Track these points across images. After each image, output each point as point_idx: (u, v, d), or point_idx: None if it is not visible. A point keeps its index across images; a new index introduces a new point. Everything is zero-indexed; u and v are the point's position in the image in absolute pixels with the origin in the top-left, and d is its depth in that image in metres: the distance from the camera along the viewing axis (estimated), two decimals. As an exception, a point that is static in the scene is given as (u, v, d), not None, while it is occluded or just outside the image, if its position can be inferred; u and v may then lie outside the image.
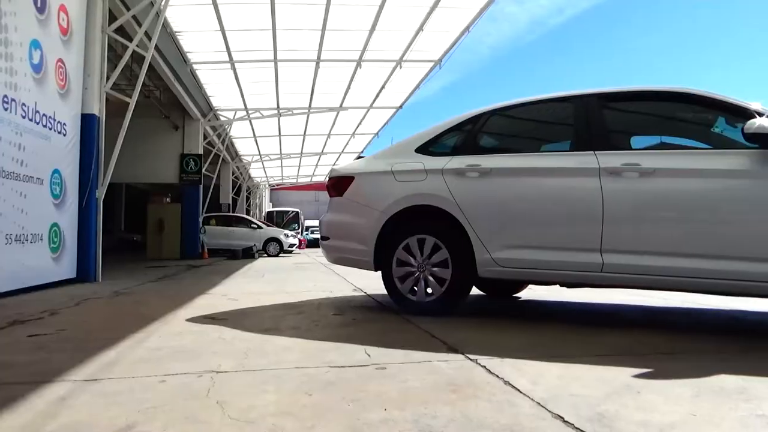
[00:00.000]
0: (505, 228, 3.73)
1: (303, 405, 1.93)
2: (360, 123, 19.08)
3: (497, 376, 2.28)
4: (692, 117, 3.77)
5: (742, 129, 3.11)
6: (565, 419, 1.76)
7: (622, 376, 2.28)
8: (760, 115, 3.15)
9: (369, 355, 2.68)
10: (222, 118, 17.24)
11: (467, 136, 4.14)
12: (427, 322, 3.62)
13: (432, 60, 13.09)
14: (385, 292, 4.21)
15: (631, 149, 3.70)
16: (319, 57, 12.48)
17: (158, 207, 16.07)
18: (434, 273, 3.90)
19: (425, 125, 4.42)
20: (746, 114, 3.22)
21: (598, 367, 2.44)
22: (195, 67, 12.90)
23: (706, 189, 3.25)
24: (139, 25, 8.57)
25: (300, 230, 31.42)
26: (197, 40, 11.58)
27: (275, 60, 12.53)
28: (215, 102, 15.98)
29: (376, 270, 4.20)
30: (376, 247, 4.13)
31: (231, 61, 12.46)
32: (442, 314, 3.87)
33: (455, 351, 2.76)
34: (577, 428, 1.69)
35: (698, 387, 2.12)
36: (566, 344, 2.96)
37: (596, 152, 3.55)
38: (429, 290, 3.95)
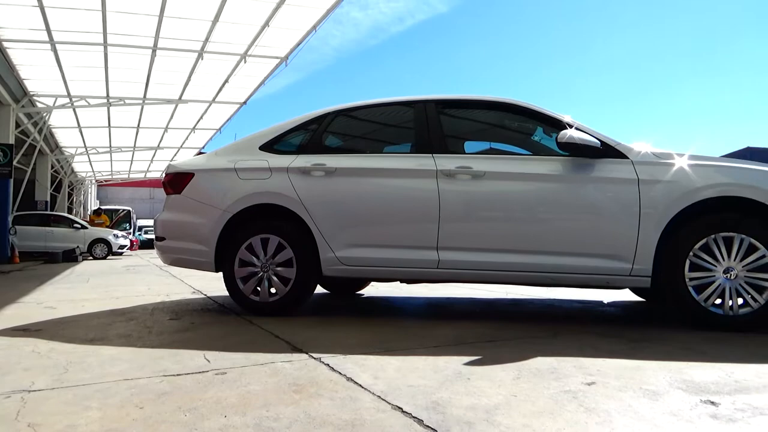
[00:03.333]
0: (349, 227, 3.80)
1: (133, 419, 1.78)
2: (201, 117, 18.16)
3: (340, 373, 2.31)
4: (516, 126, 4.17)
5: (556, 138, 3.53)
6: (404, 409, 1.84)
7: (454, 364, 2.45)
8: (570, 126, 3.59)
9: (208, 361, 2.56)
10: (40, 105, 15.30)
11: (313, 135, 4.15)
12: (270, 322, 3.56)
13: (278, 57, 12.91)
14: (226, 293, 4.05)
15: (465, 153, 3.99)
16: (156, 45, 11.64)
17: (-45, 204, 13.75)
18: (278, 272, 3.85)
19: (270, 123, 4.36)
20: (559, 125, 3.65)
21: (434, 357, 2.59)
22: (5, 45, 11.27)
23: (526, 191, 3.62)
24: (-70, -11, 7.29)
25: (132, 230, 29.05)
26: (9, 15, 10.12)
27: (105, 44, 11.43)
28: (31, 86, 14.12)
29: (217, 271, 4.03)
30: (217, 247, 3.97)
31: (51, 41, 11.10)
32: (287, 314, 3.83)
33: (299, 351, 2.75)
34: (414, 417, 1.77)
35: (519, 370, 2.35)
36: (405, 338, 3.10)
37: (434, 155, 3.77)
38: (273, 290, 3.89)
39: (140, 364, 2.53)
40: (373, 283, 5.61)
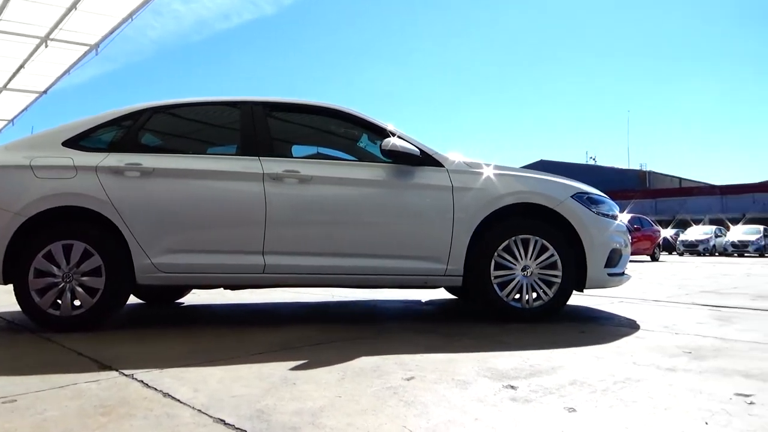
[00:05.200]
0: (168, 231, 3.56)
1: None
2: (-12, 105, 15.75)
3: (156, 389, 2.15)
4: (343, 132, 4.27)
5: (380, 145, 3.70)
6: (226, 422, 1.77)
7: (279, 370, 2.42)
8: (393, 134, 3.79)
9: (-8, 387, 2.21)
10: None
11: (127, 133, 3.82)
12: (73, 339, 3.18)
13: (87, 44, 11.71)
14: (18, 308, 3.54)
15: (293, 157, 3.98)
16: (-76, 15, 9.82)
17: None
18: (84, 283, 3.46)
19: (77, 116, 3.91)
20: (383, 133, 3.83)
21: (259, 365, 2.54)
22: None
23: (351, 196, 3.73)
24: None
25: None
26: None
27: None
28: None
29: (5, 283, 3.50)
30: (5, 255, 3.45)
31: None
32: (94, 329, 3.46)
33: (108, 368, 2.50)
34: (237, 428, 1.71)
35: (343, 371, 2.40)
36: (229, 346, 2.99)
37: (261, 158, 3.70)
38: (77, 302, 3.48)
39: None
40: (194, 290, 5.33)
